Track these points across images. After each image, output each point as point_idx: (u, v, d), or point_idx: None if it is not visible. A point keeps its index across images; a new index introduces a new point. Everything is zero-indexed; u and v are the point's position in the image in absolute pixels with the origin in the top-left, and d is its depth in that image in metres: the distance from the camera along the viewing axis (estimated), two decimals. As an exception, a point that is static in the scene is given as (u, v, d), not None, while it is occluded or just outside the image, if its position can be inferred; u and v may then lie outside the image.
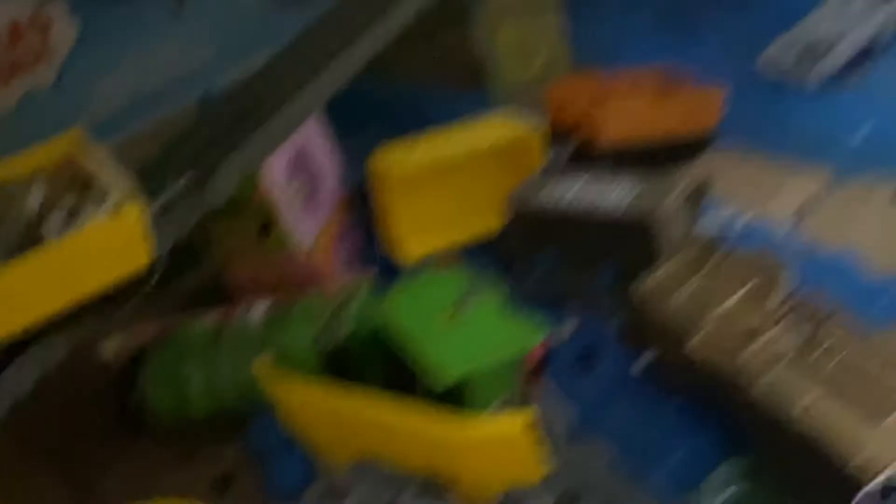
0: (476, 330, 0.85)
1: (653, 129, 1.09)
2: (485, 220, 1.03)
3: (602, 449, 0.82)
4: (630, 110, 1.07)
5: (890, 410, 0.68)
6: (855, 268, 0.92)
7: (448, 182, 1.05)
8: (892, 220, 0.98)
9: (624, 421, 0.83)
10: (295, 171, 0.99)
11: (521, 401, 0.85)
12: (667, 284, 0.81)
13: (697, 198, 0.92)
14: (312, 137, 1.01)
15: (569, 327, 0.95)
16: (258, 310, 0.94)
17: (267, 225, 0.97)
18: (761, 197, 1.05)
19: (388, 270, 1.04)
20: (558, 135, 1.12)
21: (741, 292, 0.79)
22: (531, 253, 0.99)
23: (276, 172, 0.95)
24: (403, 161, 1.02)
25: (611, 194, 0.92)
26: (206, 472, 0.92)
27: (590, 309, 0.93)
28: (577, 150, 1.10)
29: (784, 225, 0.99)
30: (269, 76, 1.03)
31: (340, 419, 0.81)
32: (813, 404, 0.70)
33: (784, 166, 1.08)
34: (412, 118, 1.27)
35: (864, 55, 1.18)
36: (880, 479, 0.61)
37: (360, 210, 1.09)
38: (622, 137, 1.06)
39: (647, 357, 0.83)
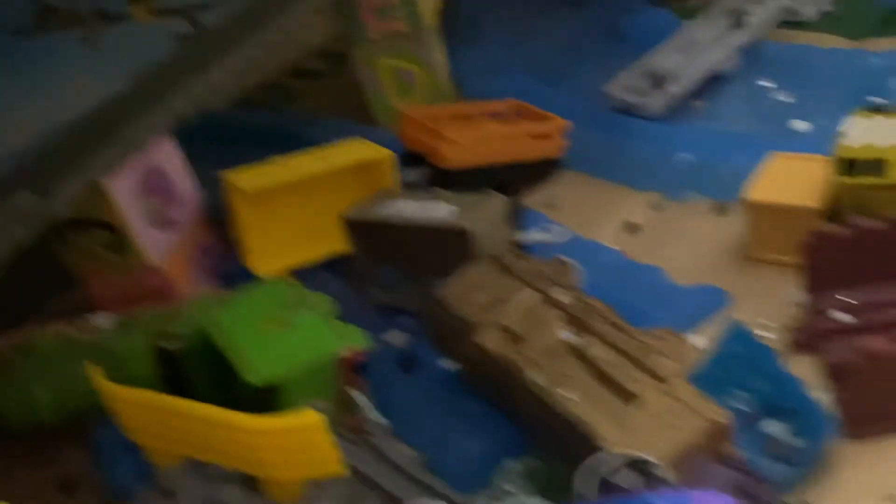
0: (295, 336, 0.91)
1: (498, 155, 1.16)
2: (339, 239, 1.09)
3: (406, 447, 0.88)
4: (473, 137, 1.14)
5: (641, 396, 0.73)
6: (662, 279, 0.98)
7: (302, 200, 1.10)
8: (705, 236, 1.05)
9: (431, 420, 0.89)
10: (147, 189, 1.04)
11: (340, 403, 0.91)
12: (467, 286, 0.87)
13: (516, 213, 0.98)
14: (167, 158, 1.07)
15: (397, 335, 1.01)
16: (104, 321, 1.00)
17: (117, 241, 1.02)
18: (594, 217, 1.13)
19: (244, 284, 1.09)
20: (411, 157, 1.19)
21: (531, 293, 0.85)
22: (370, 266, 1.05)
23: (125, 190, 1.01)
24: (256, 177, 1.08)
25: (437, 209, 0.98)
26: (52, 474, 0.96)
27: (414, 314, 0.99)
28: (430, 172, 1.17)
29: (608, 242, 1.07)
30: (122, 98, 1.09)
31: (166, 422, 0.85)
32: (577, 392, 0.76)
33: (618, 189, 1.16)
34: (290, 144, 1.34)
35: (707, 85, 1.26)
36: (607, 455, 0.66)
37: (219, 227, 1.15)
38: (466, 162, 1.13)
39: (449, 356, 0.89)
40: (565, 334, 0.81)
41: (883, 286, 0.86)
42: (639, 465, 0.65)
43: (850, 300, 0.86)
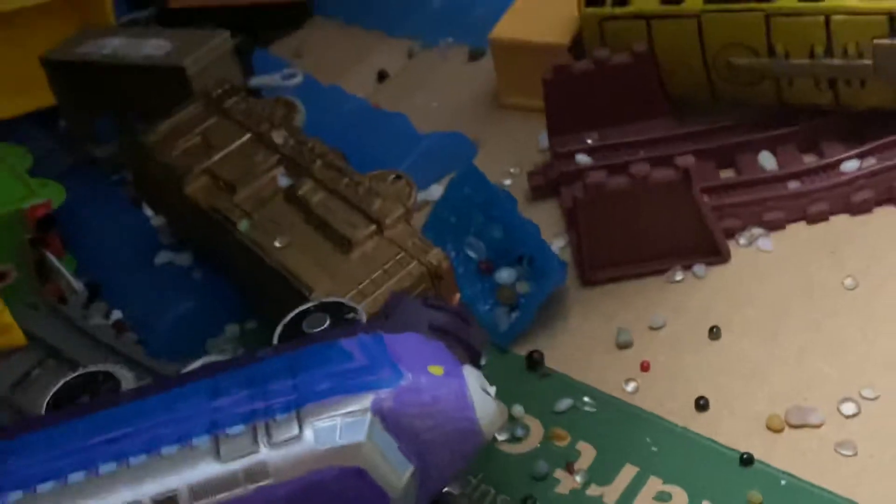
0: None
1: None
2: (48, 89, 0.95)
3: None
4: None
5: (353, 246, 0.66)
6: (405, 127, 0.91)
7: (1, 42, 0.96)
8: (457, 83, 0.98)
9: (134, 282, 0.79)
10: None
11: (35, 269, 0.80)
12: (175, 131, 0.77)
13: (245, 55, 0.88)
14: None
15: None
16: None
17: None
18: (343, 66, 1.03)
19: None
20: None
21: (245, 136, 0.75)
22: (82, 118, 0.92)
23: None
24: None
25: (151, 46, 0.86)
26: None
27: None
28: (156, 11, 1.04)
29: (356, 91, 0.98)
30: None
31: None
32: (290, 242, 0.68)
33: (372, 36, 1.06)
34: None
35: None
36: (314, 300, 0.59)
37: None
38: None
39: (160, 211, 0.79)
40: (281, 179, 0.72)
41: (627, 126, 0.81)
42: (334, 311, 0.59)
43: (591, 142, 0.81)
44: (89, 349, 0.69)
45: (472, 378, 0.54)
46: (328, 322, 0.56)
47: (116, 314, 0.79)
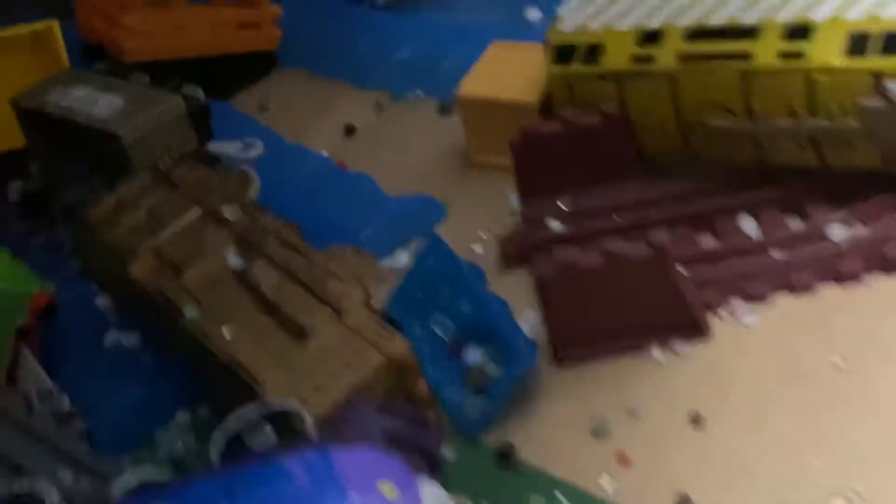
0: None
1: (195, 46, 0.99)
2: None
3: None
4: (157, 25, 0.97)
5: (308, 335, 0.62)
6: (372, 189, 0.86)
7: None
8: (426, 139, 0.93)
9: (83, 364, 0.75)
10: None
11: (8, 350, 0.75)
12: (119, 206, 0.72)
13: (202, 119, 0.83)
14: None
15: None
16: None
17: None
18: (310, 120, 0.99)
19: None
20: (93, 51, 1.01)
21: (195, 211, 0.71)
22: (55, 161, 0.88)
23: None
24: None
25: (104, 102, 0.82)
26: None
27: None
28: (111, 67, 1.00)
29: (322, 146, 0.94)
30: None
31: None
32: (240, 331, 0.64)
33: (339, 88, 1.02)
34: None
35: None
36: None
37: None
38: (151, 54, 0.96)
39: (106, 291, 0.75)
40: (232, 260, 0.68)
41: (600, 187, 0.77)
42: (282, 418, 0.54)
43: (563, 206, 0.77)
44: (32, 449, 0.64)
45: (431, 497, 0.49)
46: (273, 439, 0.51)
47: (66, 401, 0.75)
